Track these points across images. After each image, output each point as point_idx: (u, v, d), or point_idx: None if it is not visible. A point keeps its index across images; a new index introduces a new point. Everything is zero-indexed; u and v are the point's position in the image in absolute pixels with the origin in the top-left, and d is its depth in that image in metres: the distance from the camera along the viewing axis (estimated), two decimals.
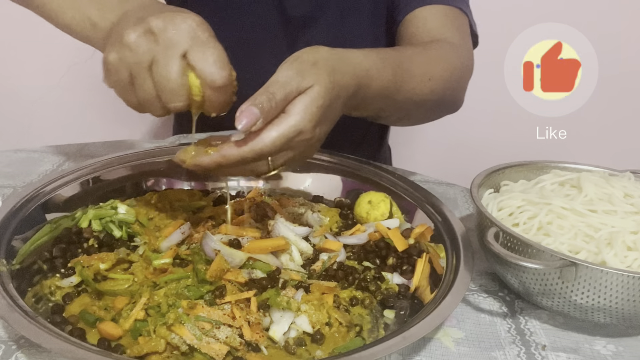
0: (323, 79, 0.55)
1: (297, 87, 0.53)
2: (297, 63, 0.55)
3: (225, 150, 0.54)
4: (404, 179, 0.81)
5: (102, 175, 0.78)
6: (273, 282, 0.60)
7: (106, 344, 0.54)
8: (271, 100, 0.52)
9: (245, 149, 0.53)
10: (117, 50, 0.54)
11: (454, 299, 0.57)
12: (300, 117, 0.53)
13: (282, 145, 0.54)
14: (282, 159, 0.56)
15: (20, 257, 0.63)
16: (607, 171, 0.74)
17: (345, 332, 0.59)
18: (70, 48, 1.60)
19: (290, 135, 0.53)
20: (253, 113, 0.51)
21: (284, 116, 0.53)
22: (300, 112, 0.53)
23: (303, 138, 0.54)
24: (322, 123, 0.56)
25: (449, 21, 0.88)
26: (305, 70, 0.55)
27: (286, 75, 0.54)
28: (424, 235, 0.71)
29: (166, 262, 0.64)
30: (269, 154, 0.54)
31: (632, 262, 0.59)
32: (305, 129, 0.54)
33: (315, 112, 0.54)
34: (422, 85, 0.73)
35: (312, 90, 0.54)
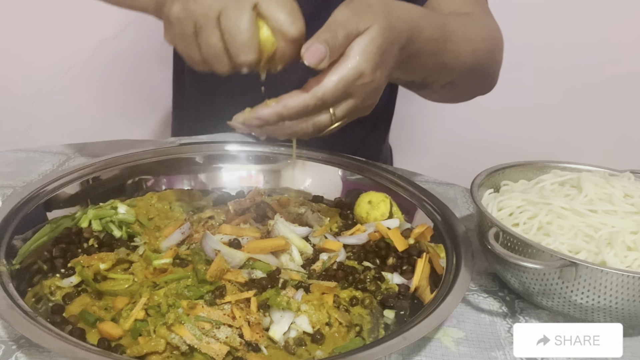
0: (380, 20, 0.53)
1: (356, 26, 0.52)
2: (353, 4, 0.53)
3: (286, 99, 0.52)
4: (404, 179, 0.81)
5: (102, 175, 0.78)
6: (273, 282, 0.60)
7: (106, 344, 0.54)
8: (335, 38, 0.50)
9: (307, 95, 0.51)
10: (182, 1, 0.52)
11: (454, 299, 0.57)
12: (360, 59, 0.51)
13: (344, 89, 0.52)
14: (344, 108, 0.54)
15: (20, 257, 0.63)
16: (607, 171, 0.74)
17: (345, 332, 0.59)
18: (70, 48, 1.61)
19: (351, 78, 0.51)
20: (320, 49, 0.49)
21: (343, 59, 0.52)
22: (360, 53, 0.51)
23: (363, 82, 0.52)
24: (381, 66, 0.54)
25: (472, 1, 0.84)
26: (362, 10, 0.53)
27: (345, 15, 0.52)
28: (424, 235, 0.71)
29: (166, 262, 0.64)
30: (331, 99, 0.52)
31: (632, 262, 0.59)
32: (365, 71, 0.52)
33: (375, 53, 0.52)
34: (464, 46, 0.71)
35: (370, 31, 0.52)
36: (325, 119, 0.54)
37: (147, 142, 0.98)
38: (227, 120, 0.58)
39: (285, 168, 0.87)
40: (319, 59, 0.49)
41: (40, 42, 1.58)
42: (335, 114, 0.54)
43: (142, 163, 0.82)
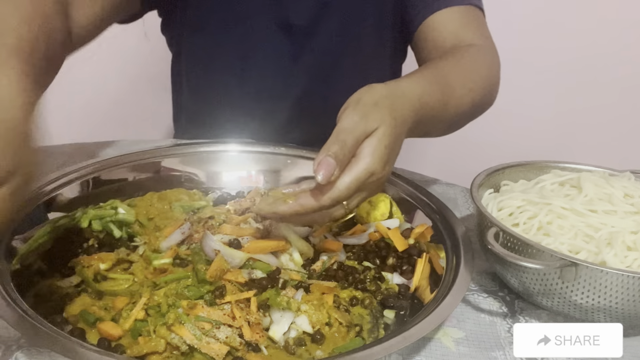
0: (386, 119, 0.56)
1: (364, 130, 0.55)
2: (359, 106, 0.57)
3: (303, 199, 0.55)
4: (404, 178, 0.81)
5: (102, 175, 0.78)
6: (273, 282, 0.60)
7: (106, 344, 0.54)
8: (343, 148, 0.54)
9: (323, 198, 0.55)
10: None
11: (454, 299, 0.57)
12: (371, 159, 0.55)
13: (356, 188, 0.55)
14: (356, 200, 0.58)
15: (20, 257, 0.63)
16: (607, 171, 0.74)
17: (345, 332, 0.59)
18: None
19: (363, 178, 0.55)
20: (329, 164, 0.53)
21: (355, 160, 0.55)
22: (370, 154, 0.55)
23: (374, 179, 0.56)
24: (389, 161, 0.58)
25: (468, 22, 0.87)
26: (369, 112, 0.56)
27: (352, 121, 0.55)
28: (424, 235, 0.71)
29: (166, 262, 0.64)
30: (345, 198, 0.56)
31: (632, 262, 0.59)
32: (376, 170, 0.55)
33: (384, 152, 0.56)
34: (464, 97, 0.74)
35: (378, 132, 0.56)
36: (340, 212, 0.59)
37: (147, 142, 0.98)
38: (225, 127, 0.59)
39: (285, 168, 0.87)
40: (329, 174, 0.53)
41: None
42: (349, 206, 0.58)
43: (142, 163, 0.82)
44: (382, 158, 0.56)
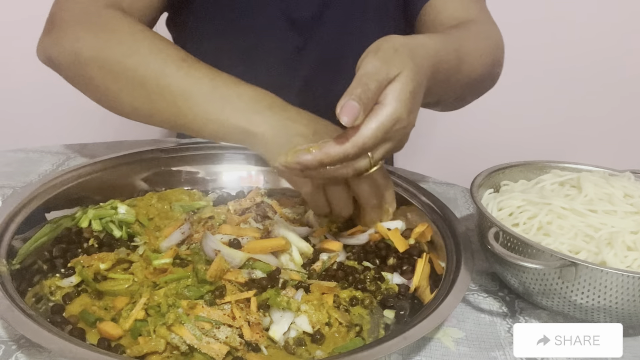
0: (408, 65, 0.55)
1: (386, 75, 0.53)
2: (380, 52, 0.55)
3: (328, 147, 0.53)
4: (404, 178, 0.81)
5: (102, 175, 0.78)
6: (273, 282, 0.60)
7: (106, 344, 0.54)
8: (367, 91, 0.52)
9: (348, 145, 0.53)
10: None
11: (454, 299, 0.57)
12: (397, 105, 0.53)
13: (382, 136, 0.54)
14: (382, 151, 0.57)
15: (20, 257, 0.63)
16: (607, 171, 0.74)
17: (345, 332, 0.59)
18: None
19: (388, 124, 0.53)
20: (354, 107, 0.51)
21: (379, 107, 0.53)
22: (395, 100, 0.53)
23: (400, 126, 0.55)
24: (414, 109, 0.56)
25: (468, 2, 0.87)
26: (390, 58, 0.54)
27: (374, 66, 0.54)
28: (424, 235, 0.71)
29: (166, 262, 0.64)
30: (371, 147, 0.54)
31: (632, 262, 0.59)
32: (401, 116, 0.54)
33: (409, 98, 0.54)
34: (476, 62, 0.74)
35: (401, 77, 0.54)
36: (365, 163, 0.57)
37: (147, 142, 0.98)
38: None
39: None
40: (354, 117, 0.51)
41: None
42: (374, 157, 0.57)
43: (143, 163, 0.82)
44: (407, 104, 0.54)
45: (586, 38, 1.57)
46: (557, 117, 1.68)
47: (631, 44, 1.58)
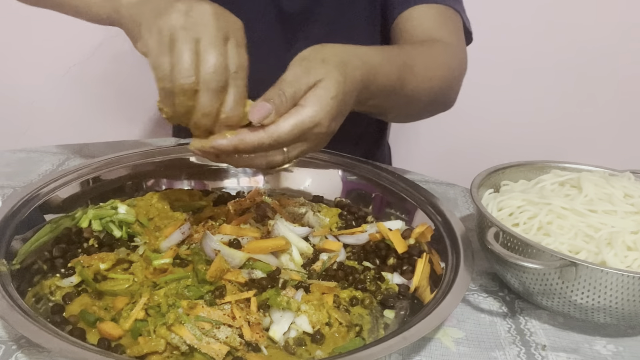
0: (332, 73, 0.56)
1: (306, 82, 0.55)
2: (305, 62, 0.57)
3: (244, 134, 0.54)
4: (404, 179, 0.81)
5: (102, 175, 0.78)
6: (273, 282, 0.60)
7: (106, 344, 0.54)
8: (281, 95, 0.53)
9: (263, 134, 0.54)
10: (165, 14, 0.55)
11: (454, 299, 0.57)
12: (317, 108, 0.54)
13: (299, 134, 0.54)
14: (296, 150, 0.57)
15: (20, 257, 0.63)
16: (607, 171, 0.74)
17: (345, 332, 0.59)
18: (70, 48, 1.60)
19: (307, 125, 0.54)
20: (264, 106, 0.53)
21: (299, 107, 0.54)
22: (314, 103, 0.54)
23: (319, 131, 0.55)
24: (337, 117, 0.57)
25: (443, 21, 0.88)
26: (313, 67, 0.56)
27: (294, 73, 0.55)
28: (424, 235, 0.71)
29: (166, 262, 0.64)
30: (285, 142, 0.55)
31: (632, 262, 0.59)
32: (321, 121, 0.55)
33: (330, 104, 0.55)
34: (423, 84, 0.74)
35: (322, 83, 0.55)
36: (279, 158, 0.57)
37: (147, 142, 0.98)
38: None
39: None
40: (262, 116, 0.52)
41: (40, 42, 1.58)
42: (289, 155, 0.57)
43: (142, 163, 0.82)
44: (328, 109, 0.55)
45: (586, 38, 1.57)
46: (557, 117, 1.68)
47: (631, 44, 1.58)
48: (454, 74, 0.83)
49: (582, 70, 1.62)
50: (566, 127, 1.70)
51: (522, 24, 1.56)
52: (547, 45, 1.59)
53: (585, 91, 1.65)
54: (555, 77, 1.63)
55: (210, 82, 0.54)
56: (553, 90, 1.65)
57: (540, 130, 1.69)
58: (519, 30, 1.56)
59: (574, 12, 1.56)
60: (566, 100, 1.67)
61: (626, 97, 1.65)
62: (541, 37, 1.58)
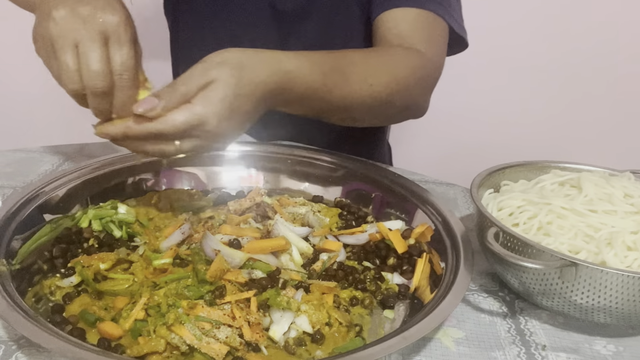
0: (224, 75, 0.58)
1: (197, 82, 0.57)
2: (203, 63, 0.59)
3: (130, 122, 0.57)
4: (404, 179, 0.81)
5: (102, 175, 0.78)
6: (273, 282, 0.60)
7: (106, 344, 0.54)
8: (171, 92, 0.56)
9: (150, 125, 0.57)
10: (44, 23, 0.58)
11: (454, 299, 0.57)
12: (203, 107, 0.56)
13: (184, 130, 0.57)
14: (190, 144, 0.59)
15: (20, 257, 0.63)
16: (607, 171, 0.74)
17: (345, 332, 0.59)
18: None
19: (192, 122, 0.56)
20: (152, 100, 0.55)
21: (189, 105, 0.57)
22: (202, 102, 0.57)
23: (207, 129, 0.57)
24: (229, 117, 0.58)
25: (419, 26, 0.86)
26: (209, 68, 0.58)
27: (190, 73, 0.58)
28: (424, 235, 0.71)
29: (166, 262, 0.64)
30: (172, 134, 0.57)
31: (632, 262, 0.59)
32: (208, 120, 0.57)
33: (218, 105, 0.57)
34: (360, 89, 0.73)
35: (213, 84, 0.57)
36: (171, 148, 0.59)
37: None
38: None
39: (285, 168, 0.87)
40: (148, 108, 0.55)
41: None
42: (181, 147, 0.59)
43: (142, 163, 0.82)
44: (215, 109, 0.57)
45: (586, 38, 1.57)
46: (557, 117, 1.68)
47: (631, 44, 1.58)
48: (409, 81, 0.79)
49: (582, 70, 1.62)
50: (566, 127, 1.70)
51: (522, 24, 1.56)
52: (546, 45, 1.59)
53: (585, 91, 1.65)
54: (555, 77, 1.63)
55: (94, 88, 0.58)
56: (553, 90, 1.65)
57: (540, 130, 1.69)
58: (519, 30, 1.56)
59: (574, 11, 1.56)
60: (566, 100, 1.67)
61: (626, 97, 1.65)
62: (541, 37, 1.58)
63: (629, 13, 1.55)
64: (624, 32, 1.57)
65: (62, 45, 0.57)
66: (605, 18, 1.55)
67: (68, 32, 0.57)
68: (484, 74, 1.47)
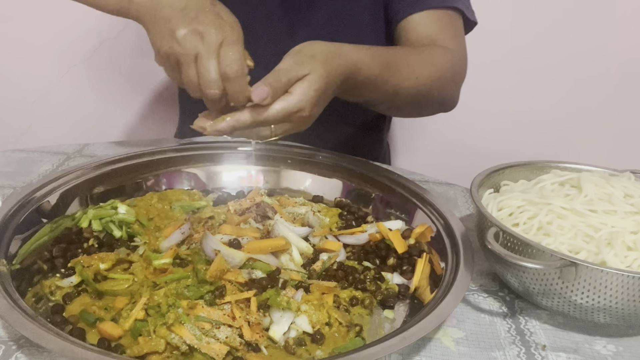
0: (317, 68, 0.66)
1: (296, 73, 0.65)
2: (298, 55, 0.67)
3: (239, 115, 0.66)
4: (404, 179, 0.81)
5: (102, 175, 0.78)
6: (273, 282, 0.60)
7: (106, 344, 0.54)
8: (277, 82, 0.64)
9: (255, 114, 0.65)
10: (168, 42, 0.68)
11: (454, 299, 0.57)
12: (300, 97, 0.65)
13: (283, 116, 0.65)
14: (282, 128, 0.68)
15: (20, 257, 0.63)
16: (607, 171, 0.74)
17: (345, 332, 0.59)
18: (70, 48, 1.60)
19: (292, 110, 0.65)
20: (264, 89, 0.63)
21: (287, 95, 0.65)
22: (300, 93, 0.65)
23: (302, 115, 0.66)
24: (318, 104, 0.67)
25: (444, 26, 0.92)
26: (304, 61, 0.66)
27: (288, 64, 0.66)
28: (424, 235, 0.71)
29: (166, 262, 0.64)
30: (272, 121, 0.66)
31: (632, 262, 0.59)
32: (304, 107, 0.65)
33: (313, 95, 0.65)
34: (408, 81, 0.81)
35: (309, 77, 0.65)
36: (266, 132, 0.68)
37: (147, 142, 0.98)
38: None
39: (285, 168, 0.87)
40: (262, 97, 0.63)
41: (41, 42, 1.58)
42: (275, 131, 0.68)
43: (142, 163, 0.82)
44: (310, 98, 0.65)
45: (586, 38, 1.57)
46: (557, 117, 1.68)
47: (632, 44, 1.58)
48: (446, 75, 0.88)
49: (582, 70, 1.62)
50: (566, 127, 1.70)
51: (522, 24, 1.56)
52: (546, 45, 1.59)
53: (585, 91, 1.65)
54: (555, 77, 1.63)
55: (211, 95, 0.67)
56: (553, 90, 1.65)
57: (540, 130, 1.69)
58: (519, 30, 1.56)
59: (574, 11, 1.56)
60: (566, 100, 1.66)
61: (626, 97, 1.65)
62: (541, 37, 1.58)
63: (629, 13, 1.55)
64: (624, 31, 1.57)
65: (185, 62, 0.67)
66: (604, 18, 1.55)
67: (190, 50, 0.66)
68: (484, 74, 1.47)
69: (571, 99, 1.66)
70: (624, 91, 1.64)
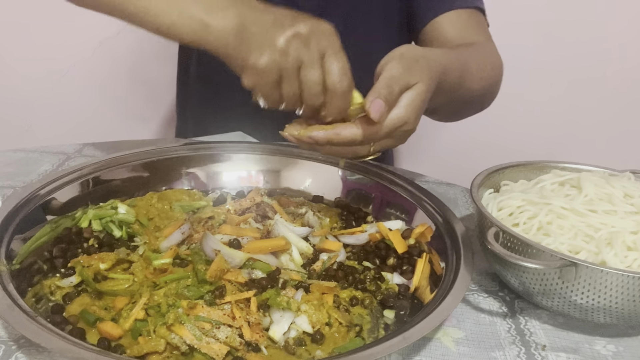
0: (426, 76, 0.61)
1: (407, 82, 0.59)
2: (404, 60, 0.60)
3: (340, 129, 0.59)
4: (404, 178, 0.81)
5: (102, 175, 0.78)
6: (273, 282, 0.60)
7: (106, 344, 0.54)
8: (392, 93, 0.58)
9: (358, 131, 0.58)
10: (269, 54, 0.58)
11: (454, 299, 0.57)
12: (407, 110, 0.59)
13: (389, 132, 0.60)
14: (382, 144, 0.62)
15: (20, 257, 0.63)
16: (607, 171, 0.74)
17: (345, 332, 0.59)
18: (70, 48, 1.60)
19: (397, 124, 0.59)
20: (381, 105, 0.57)
21: (395, 109, 0.59)
22: (407, 105, 0.59)
23: (406, 128, 0.61)
24: (420, 114, 0.62)
25: (473, 24, 0.92)
26: (412, 66, 0.60)
27: (398, 71, 0.59)
28: (424, 235, 0.71)
29: (166, 262, 0.64)
30: (376, 139, 0.60)
31: (632, 262, 0.59)
32: (409, 120, 0.60)
33: (419, 106, 0.60)
34: (477, 80, 0.80)
35: (417, 87, 0.60)
36: (365, 150, 0.61)
37: (147, 142, 0.98)
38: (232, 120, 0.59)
39: (285, 168, 0.87)
40: (380, 114, 0.57)
41: (41, 42, 1.58)
42: (374, 148, 0.62)
43: (142, 163, 0.82)
44: (416, 110, 0.60)
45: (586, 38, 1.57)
46: (557, 117, 1.68)
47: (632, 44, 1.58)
48: (497, 72, 0.88)
49: (582, 70, 1.62)
50: (566, 127, 1.70)
51: (522, 24, 1.56)
52: (546, 45, 1.59)
53: (585, 91, 1.65)
54: (555, 77, 1.63)
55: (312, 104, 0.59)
56: (553, 90, 1.65)
57: (540, 130, 1.69)
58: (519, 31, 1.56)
59: (575, 12, 1.56)
60: (566, 100, 1.66)
61: (626, 96, 1.65)
62: (541, 37, 1.58)
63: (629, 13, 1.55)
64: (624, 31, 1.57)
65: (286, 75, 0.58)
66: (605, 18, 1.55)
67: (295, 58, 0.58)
68: None
69: (571, 99, 1.66)
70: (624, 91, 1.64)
